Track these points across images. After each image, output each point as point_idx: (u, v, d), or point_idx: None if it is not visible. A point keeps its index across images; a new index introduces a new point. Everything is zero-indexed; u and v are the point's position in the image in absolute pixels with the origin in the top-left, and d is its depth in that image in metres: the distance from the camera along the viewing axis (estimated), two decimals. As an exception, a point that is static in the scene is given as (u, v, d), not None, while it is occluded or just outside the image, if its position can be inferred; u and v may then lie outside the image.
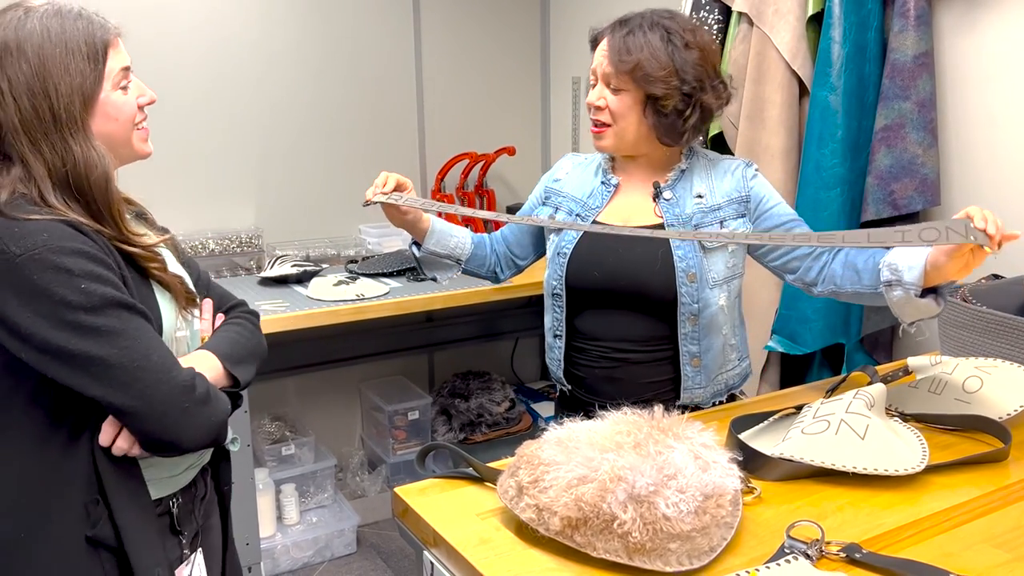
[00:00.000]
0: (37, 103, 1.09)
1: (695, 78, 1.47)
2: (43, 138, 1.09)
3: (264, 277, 2.68)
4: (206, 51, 2.76)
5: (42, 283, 1.02)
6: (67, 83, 1.10)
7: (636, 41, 1.47)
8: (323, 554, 2.81)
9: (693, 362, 1.55)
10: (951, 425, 1.36)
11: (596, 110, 1.53)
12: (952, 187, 2.02)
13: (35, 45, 1.09)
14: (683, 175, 1.57)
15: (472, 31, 3.26)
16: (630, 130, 1.52)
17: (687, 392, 1.57)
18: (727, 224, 1.53)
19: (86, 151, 1.11)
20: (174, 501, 1.24)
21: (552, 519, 0.98)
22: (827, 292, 1.52)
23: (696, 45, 1.48)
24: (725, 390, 1.62)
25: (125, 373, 1.04)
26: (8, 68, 1.08)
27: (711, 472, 1.01)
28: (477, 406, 3.20)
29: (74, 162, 1.10)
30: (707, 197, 1.55)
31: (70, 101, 1.10)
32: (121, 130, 1.17)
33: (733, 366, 1.62)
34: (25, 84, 1.08)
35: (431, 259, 1.72)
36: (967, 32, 1.95)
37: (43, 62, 1.09)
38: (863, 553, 0.97)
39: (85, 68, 1.11)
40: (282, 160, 2.96)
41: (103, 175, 1.12)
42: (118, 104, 1.16)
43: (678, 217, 1.54)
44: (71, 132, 1.10)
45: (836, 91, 2.02)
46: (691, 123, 1.50)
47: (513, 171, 3.42)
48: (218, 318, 1.33)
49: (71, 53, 1.10)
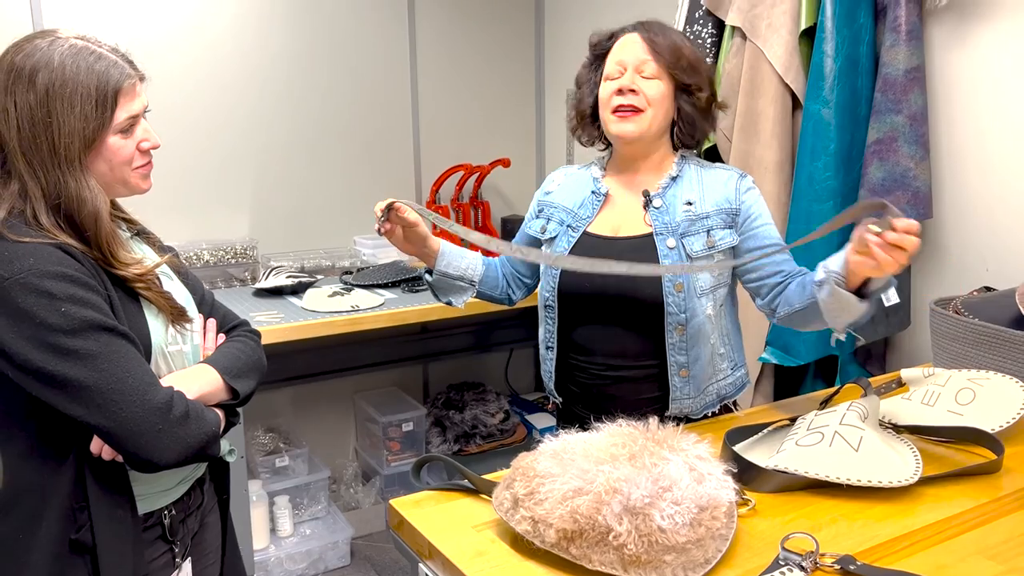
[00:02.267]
0: (37, 133, 1.12)
1: (709, 83, 1.56)
2: (39, 166, 1.13)
3: (259, 288, 2.68)
4: (200, 63, 2.77)
5: (25, 306, 1.06)
6: (70, 123, 1.12)
7: (668, 34, 1.54)
8: (317, 566, 2.80)
9: (681, 372, 1.55)
10: (944, 437, 1.37)
11: (630, 93, 1.52)
12: (944, 200, 2.04)
13: (46, 79, 1.11)
14: (674, 182, 1.58)
15: (467, 44, 3.28)
16: (659, 117, 1.53)
17: (676, 403, 1.57)
18: (714, 233, 1.53)
19: (80, 188, 1.14)
20: (166, 512, 1.27)
21: (548, 531, 0.98)
22: (784, 315, 1.53)
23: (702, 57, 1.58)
24: (717, 400, 1.61)
25: (100, 395, 1.07)
26: (17, 93, 1.11)
27: (706, 484, 1.01)
28: (471, 417, 3.20)
29: (68, 196, 1.14)
30: (696, 204, 1.55)
31: (70, 141, 1.13)
32: (115, 172, 1.19)
33: (724, 376, 1.61)
34: (29, 113, 1.11)
35: (445, 283, 1.72)
36: (958, 46, 1.97)
37: (50, 98, 1.11)
38: (857, 565, 0.97)
39: (91, 113, 1.13)
40: (277, 171, 2.96)
41: (93, 212, 1.15)
42: (115, 148, 1.18)
43: (667, 225, 1.54)
44: (68, 168, 1.13)
45: (829, 104, 2.04)
46: (705, 123, 1.57)
47: (508, 183, 3.44)
48: (220, 338, 1.35)
49: (79, 95, 1.13)
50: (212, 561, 1.40)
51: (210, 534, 1.39)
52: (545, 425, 3.21)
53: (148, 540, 1.24)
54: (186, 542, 1.32)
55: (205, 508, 1.37)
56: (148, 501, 1.23)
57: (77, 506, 1.14)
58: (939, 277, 2.08)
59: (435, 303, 2.56)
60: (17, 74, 1.11)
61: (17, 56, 1.12)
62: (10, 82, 1.11)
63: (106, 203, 1.18)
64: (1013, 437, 1.36)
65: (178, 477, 1.28)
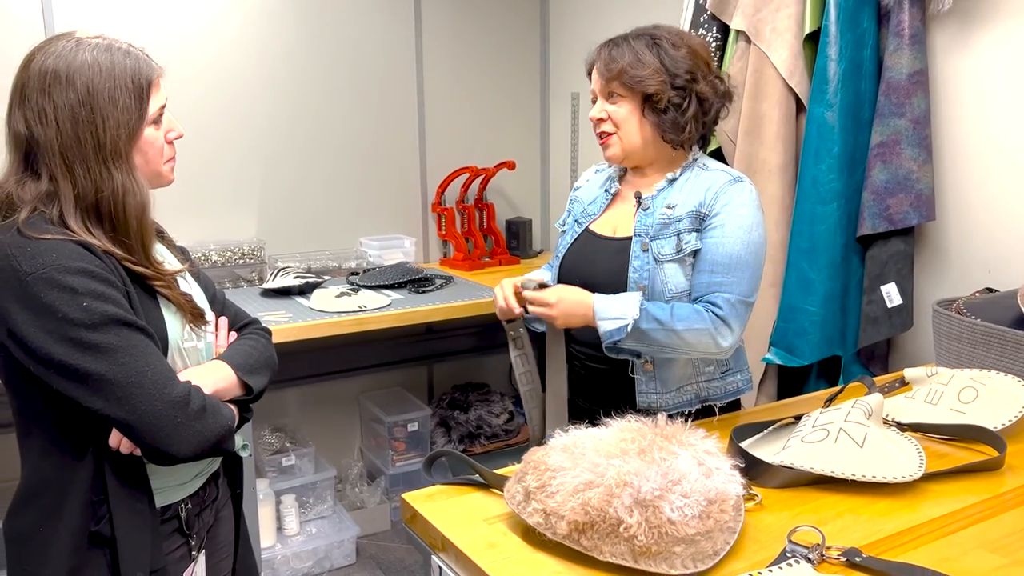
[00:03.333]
0: (80, 130, 1.14)
1: (686, 71, 1.52)
2: (79, 163, 1.15)
3: (266, 288, 2.70)
4: (208, 67, 2.79)
5: (48, 300, 1.08)
6: (114, 116, 1.16)
7: (620, 51, 1.54)
8: (322, 564, 2.82)
9: (645, 366, 1.57)
10: (947, 435, 1.39)
11: (599, 122, 1.58)
12: (946, 202, 2.06)
13: (85, 76, 1.14)
14: (670, 185, 1.58)
15: (473, 47, 3.30)
16: (634, 134, 1.56)
17: (641, 395, 1.58)
18: (683, 236, 1.52)
19: (126, 180, 1.17)
20: (183, 506, 1.29)
21: (559, 523, 1.00)
22: None
23: (684, 44, 1.54)
24: (696, 400, 1.60)
25: (120, 388, 1.09)
26: (55, 95, 1.13)
27: (714, 478, 1.03)
28: (476, 418, 3.21)
29: (112, 189, 1.16)
30: (677, 208, 1.54)
31: (116, 133, 1.16)
32: (151, 163, 1.23)
33: (710, 378, 1.60)
34: (70, 111, 1.14)
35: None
36: (960, 51, 1.99)
37: (91, 94, 1.14)
38: (863, 557, 0.99)
39: (131, 104, 1.17)
40: (284, 173, 2.99)
41: (140, 204, 1.19)
42: (150, 140, 1.22)
43: (646, 228, 1.55)
44: (114, 162, 1.16)
45: (832, 108, 2.06)
46: (690, 114, 1.53)
47: (513, 185, 3.46)
48: (231, 335, 1.38)
49: (119, 88, 1.16)
50: (226, 555, 1.42)
51: (224, 528, 1.41)
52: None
53: (165, 533, 1.25)
54: (202, 535, 1.34)
55: (220, 502, 1.40)
56: (165, 494, 1.25)
57: (96, 499, 1.16)
58: (941, 278, 2.10)
59: (441, 304, 2.61)
60: (53, 76, 1.14)
61: (47, 59, 1.15)
62: (46, 84, 1.13)
63: (152, 197, 1.21)
64: (1015, 435, 1.38)
65: (194, 471, 1.30)
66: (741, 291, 1.48)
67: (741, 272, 1.48)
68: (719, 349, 1.48)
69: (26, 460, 1.21)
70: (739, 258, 1.48)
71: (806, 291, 2.13)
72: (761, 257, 1.53)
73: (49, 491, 1.17)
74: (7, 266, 1.09)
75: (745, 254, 1.49)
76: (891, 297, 2.05)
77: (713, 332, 1.46)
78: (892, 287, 2.05)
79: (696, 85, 1.53)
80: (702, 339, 1.46)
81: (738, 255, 1.48)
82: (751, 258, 1.50)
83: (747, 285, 1.49)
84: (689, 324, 1.45)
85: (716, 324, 1.46)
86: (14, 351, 1.11)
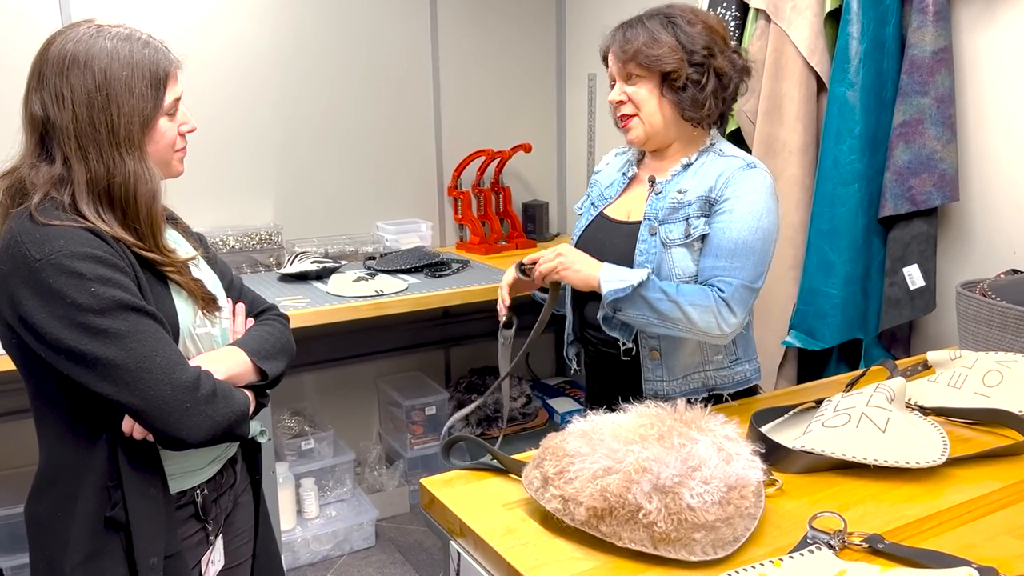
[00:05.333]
0: (95, 115, 1.14)
1: (703, 46, 1.50)
2: (93, 148, 1.15)
3: (284, 273, 2.71)
4: (225, 51, 2.79)
5: (56, 286, 1.08)
6: (129, 104, 1.16)
7: (635, 31, 1.53)
8: (342, 547, 2.84)
9: (652, 354, 1.57)
10: (971, 419, 1.37)
11: (618, 105, 1.57)
12: (971, 182, 2.02)
13: (103, 62, 1.15)
14: (684, 170, 1.57)
15: (488, 28, 3.27)
16: (654, 114, 1.54)
17: (648, 383, 1.59)
18: (691, 221, 1.51)
19: (138, 167, 1.17)
20: (199, 492, 1.29)
21: (578, 509, 1.00)
22: None
23: (699, 21, 1.53)
24: (704, 389, 1.60)
25: (129, 374, 1.09)
26: (73, 78, 1.14)
27: (734, 464, 1.02)
28: (494, 401, 3.21)
29: (124, 175, 1.16)
30: (688, 193, 1.53)
31: (130, 121, 1.16)
32: (161, 153, 1.23)
33: (718, 367, 1.59)
34: (86, 95, 1.14)
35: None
36: (986, 27, 1.95)
37: (108, 80, 1.15)
38: (886, 544, 0.98)
39: (147, 93, 1.18)
40: (301, 158, 2.98)
41: (151, 191, 1.19)
42: (163, 131, 1.22)
43: (656, 212, 1.55)
44: (127, 149, 1.16)
45: (854, 87, 2.03)
46: (709, 90, 1.51)
47: (529, 168, 3.44)
48: (248, 322, 1.38)
49: (136, 77, 1.17)
50: (245, 540, 1.43)
51: (243, 513, 1.42)
52: (567, 409, 3.23)
53: (181, 518, 1.26)
54: (219, 521, 1.34)
55: (238, 488, 1.40)
56: (180, 480, 1.26)
57: (111, 484, 1.17)
58: (965, 260, 2.06)
59: (457, 288, 2.60)
60: (72, 60, 1.14)
61: (67, 44, 1.15)
62: (64, 67, 1.14)
63: (162, 186, 1.21)
64: (1041, 419, 1.35)
65: (209, 457, 1.30)
66: (746, 276, 1.47)
67: (747, 258, 1.47)
68: (720, 331, 1.45)
69: (43, 445, 1.22)
70: (746, 244, 1.47)
71: (827, 273, 2.10)
72: (770, 244, 1.51)
73: (66, 476, 1.18)
74: (17, 253, 1.10)
75: (752, 240, 1.47)
76: (913, 279, 2.03)
77: (716, 312, 1.44)
78: (914, 269, 2.02)
79: (714, 60, 1.51)
80: (704, 317, 1.44)
81: (745, 241, 1.47)
82: (758, 244, 1.48)
83: (752, 271, 1.48)
84: (692, 299, 1.44)
85: (719, 305, 1.45)
86: (26, 337, 1.12)
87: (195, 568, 1.29)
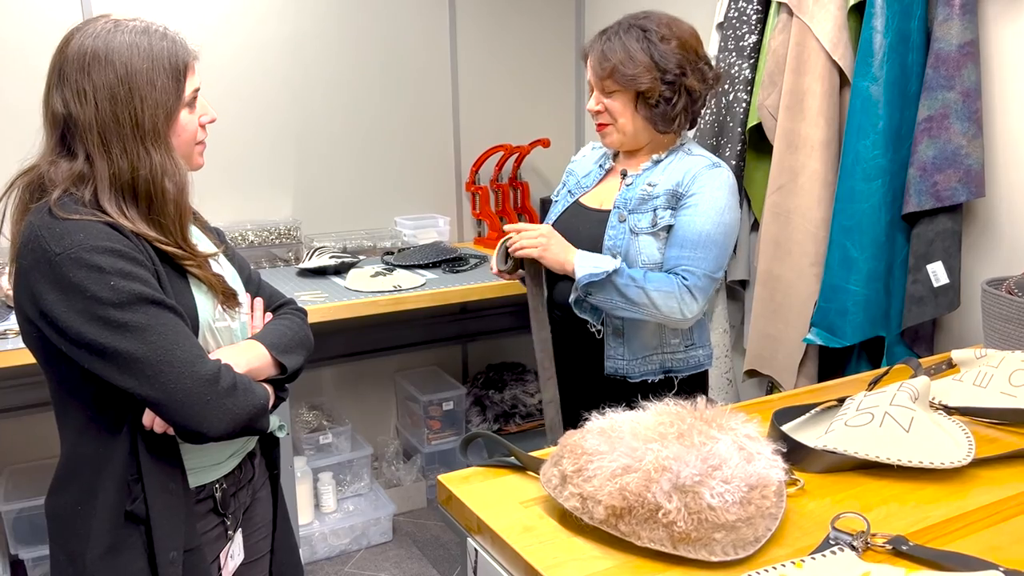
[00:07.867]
0: (119, 109, 1.14)
1: (676, 65, 1.60)
2: (116, 142, 1.15)
3: (302, 268, 2.71)
4: (244, 47, 2.80)
5: (76, 280, 1.08)
6: (152, 97, 1.16)
7: (612, 46, 1.62)
8: (360, 542, 2.85)
9: (616, 334, 1.70)
10: (997, 419, 1.34)
11: (596, 114, 1.69)
12: (998, 178, 1.99)
13: (124, 57, 1.15)
14: (654, 166, 1.69)
15: (507, 23, 3.26)
16: (628, 125, 1.67)
17: (610, 360, 1.72)
18: (658, 212, 1.64)
19: (165, 160, 1.18)
20: (218, 486, 1.29)
21: (596, 508, 0.99)
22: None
23: (673, 36, 1.61)
24: (660, 370, 1.73)
25: (149, 367, 1.09)
26: (94, 74, 1.14)
27: (755, 463, 1.01)
28: (511, 397, 3.21)
29: (151, 168, 1.16)
30: (657, 186, 1.65)
31: (154, 113, 1.17)
32: (183, 147, 1.24)
33: (675, 350, 1.73)
34: (109, 90, 1.14)
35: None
36: (1013, 20, 1.92)
37: (130, 74, 1.15)
38: (910, 546, 0.96)
39: (169, 85, 1.18)
40: (320, 153, 2.99)
41: (179, 184, 1.19)
42: (185, 123, 1.22)
43: (626, 202, 1.67)
44: (153, 142, 1.17)
45: (878, 81, 2.00)
46: (679, 108, 1.63)
47: (547, 163, 3.42)
48: (267, 316, 1.38)
49: (157, 70, 1.17)
50: (264, 535, 1.43)
51: (262, 508, 1.42)
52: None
53: (200, 513, 1.26)
54: (238, 515, 1.35)
55: (256, 482, 1.40)
56: (199, 475, 1.26)
57: (131, 478, 1.17)
58: (991, 257, 2.03)
59: (475, 283, 2.60)
60: (93, 55, 1.14)
61: (86, 40, 1.15)
62: (86, 63, 1.14)
63: (190, 178, 1.22)
64: (1069, 419, 1.33)
65: (228, 451, 1.31)
66: (708, 267, 1.61)
67: (709, 249, 1.61)
68: (683, 316, 1.60)
69: (65, 438, 1.23)
70: (709, 236, 1.61)
71: (849, 270, 2.08)
72: (731, 238, 1.65)
73: (87, 469, 1.18)
74: (37, 247, 1.10)
75: (715, 233, 1.61)
76: (937, 276, 2.00)
77: (679, 298, 1.59)
78: (939, 266, 2.00)
79: (685, 79, 1.62)
80: (669, 303, 1.59)
81: (708, 233, 1.61)
82: (720, 237, 1.62)
83: (714, 262, 1.62)
84: (658, 286, 1.59)
85: (683, 292, 1.60)
86: (47, 331, 1.12)
87: (214, 563, 1.29)
